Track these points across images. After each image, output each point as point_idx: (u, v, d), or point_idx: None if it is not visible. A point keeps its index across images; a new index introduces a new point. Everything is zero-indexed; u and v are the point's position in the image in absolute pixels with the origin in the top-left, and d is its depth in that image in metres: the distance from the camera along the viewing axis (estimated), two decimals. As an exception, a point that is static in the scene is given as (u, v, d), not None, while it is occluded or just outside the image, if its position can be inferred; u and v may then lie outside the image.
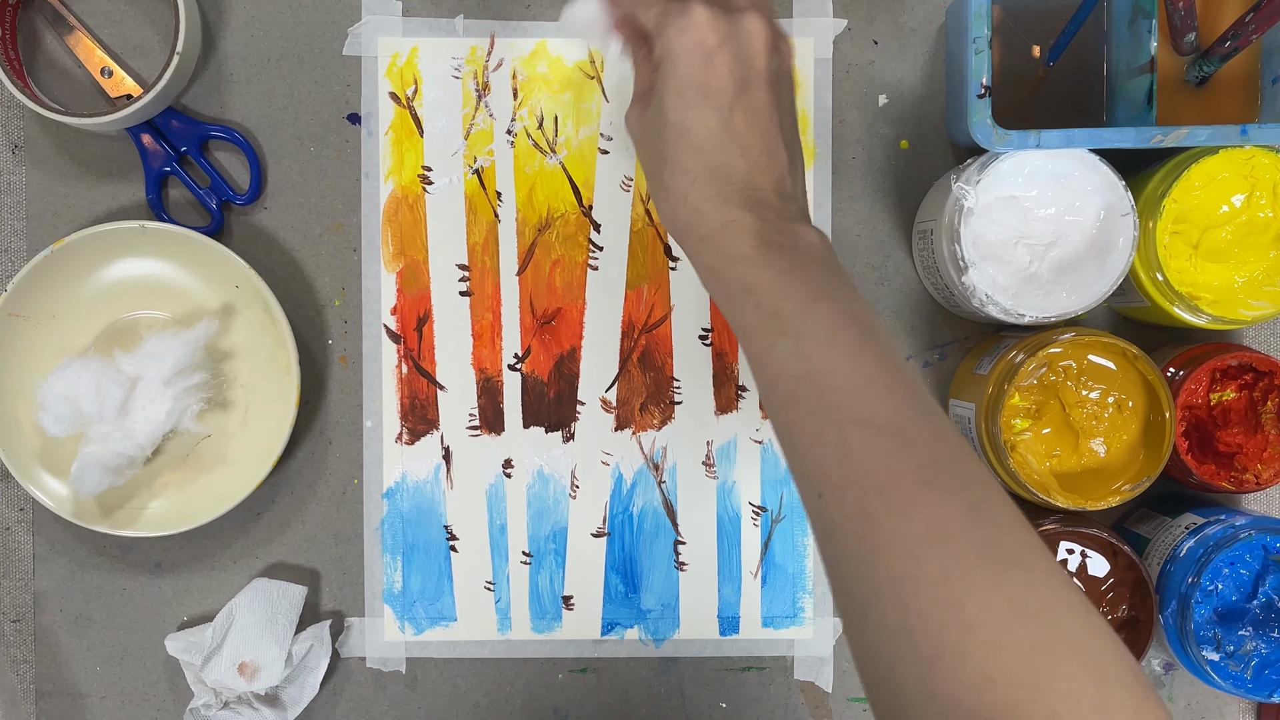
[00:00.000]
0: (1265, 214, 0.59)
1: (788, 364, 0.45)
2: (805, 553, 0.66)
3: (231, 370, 0.65)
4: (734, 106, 0.48)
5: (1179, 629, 0.59)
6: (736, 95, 0.48)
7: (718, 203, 0.48)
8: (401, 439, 0.66)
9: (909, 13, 0.65)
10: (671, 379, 0.66)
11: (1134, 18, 0.61)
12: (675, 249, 0.66)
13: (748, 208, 0.48)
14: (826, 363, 0.44)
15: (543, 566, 0.66)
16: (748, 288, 0.47)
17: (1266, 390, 0.61)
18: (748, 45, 0.48)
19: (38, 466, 0.63)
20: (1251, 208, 0.59)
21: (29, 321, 0.63)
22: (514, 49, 0.65)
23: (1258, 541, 0.59)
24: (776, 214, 0.48)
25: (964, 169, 0.60)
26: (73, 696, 0.66)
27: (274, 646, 0.63)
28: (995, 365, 0.60)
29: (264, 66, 0.65)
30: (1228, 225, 0.59)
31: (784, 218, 0.48)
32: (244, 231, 0.66)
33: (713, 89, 0.48)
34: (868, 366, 0.44)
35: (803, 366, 0.45)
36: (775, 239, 0.47)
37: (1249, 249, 0.59)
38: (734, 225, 0.47)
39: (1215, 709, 0.66)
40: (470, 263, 0.66)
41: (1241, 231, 0.59)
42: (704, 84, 0.48)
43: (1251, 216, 0.59)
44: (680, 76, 0.48)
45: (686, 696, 0.66)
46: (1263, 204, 0.59)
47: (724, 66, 0.48)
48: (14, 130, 0.65)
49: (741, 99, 0.48)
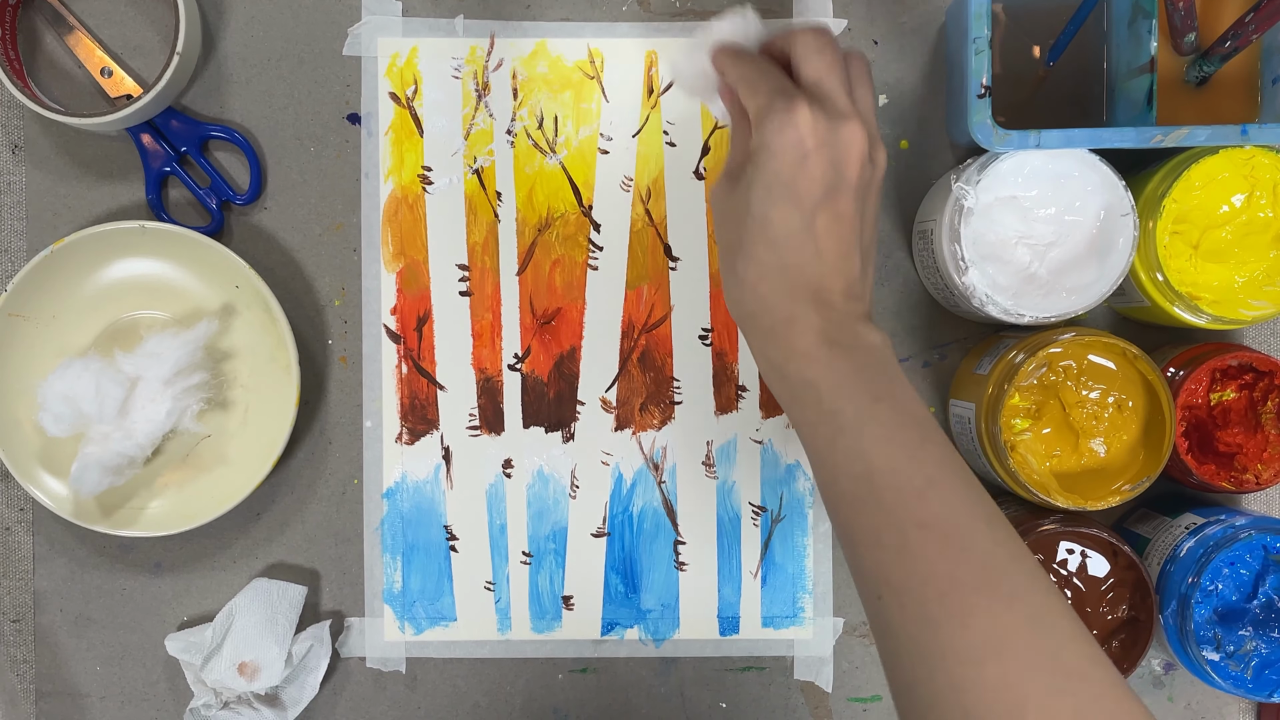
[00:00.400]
0: (1265, 214, 0.59)
1: (849, 463, 0.46)
2: (805, 553, 0.66)
3: (231, 370, 0.65)
4: (818, 210, 0.48)
5: (1179, 629, 0.59)
6: (823, 200, 0.48)
7: (785, 297, 0.49)
8: (401, 439, 0.66)
9: (909, 13, 0.65)
10: (671, 379, 0.66)
11: (1134, 18, 0.61)
12: (675, 249, 0.66)
13: (814, 306, 0.48)
14: (887, 463, 0.45)
15: (543, 566, 0.66)
16: (809, 383, 0.48)
17: (1266, 390, 0.61)
18: (844, 153, 0.48)
19: (38, 466, 0.63)
20: (1251, 208, 0.59)
21: (29, 321, 0.63)
22: (514, 49, 0.65)
23: (1258, 541, 0.59)
24: (842, 314, 0.49)
25: (964, 169, 0.60)
26: (73, 696, 0.66)
27: (274, 646, 0.63)
28: (995, 365, 0.60)
29: (264, 66, 0.65)
30: (1228, 225, 0.59)
31: (849, 318, 0.49)
32: (244, 231, 0.66)
33: (801, 191, 0.48)
34: (929, 468, 0.45)
35: (863, 466, 0.46)
36: (838, 338, 0.48)
37: (1249, 249, 0.59)
38: (799, 321, 0.48)
39: (1215, 709, 0.66)
40: (470, 263, 0.66)
41: (1241, 231, 0.59)
42: (793, 184, 0.48)
43: (1251, 216, 0.59)
44: (772, 172, 0.48)
45: (686, 696, 0.66)
46: (1263, 204, 0.59)
47: (817, 170, 0.48)
48: (14, 130, 0.65)
49: (827, 204, 0.48)
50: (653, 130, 0.66)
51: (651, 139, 0.66)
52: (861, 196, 0.49)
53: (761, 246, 0.49)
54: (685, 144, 0.66)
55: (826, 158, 0.48)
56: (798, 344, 0.48)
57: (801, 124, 0.48)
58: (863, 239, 0.50)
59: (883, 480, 0.45)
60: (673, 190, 0.66)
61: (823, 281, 0.49)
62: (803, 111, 0.48)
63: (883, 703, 0.66)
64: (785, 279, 0.49)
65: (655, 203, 0.66)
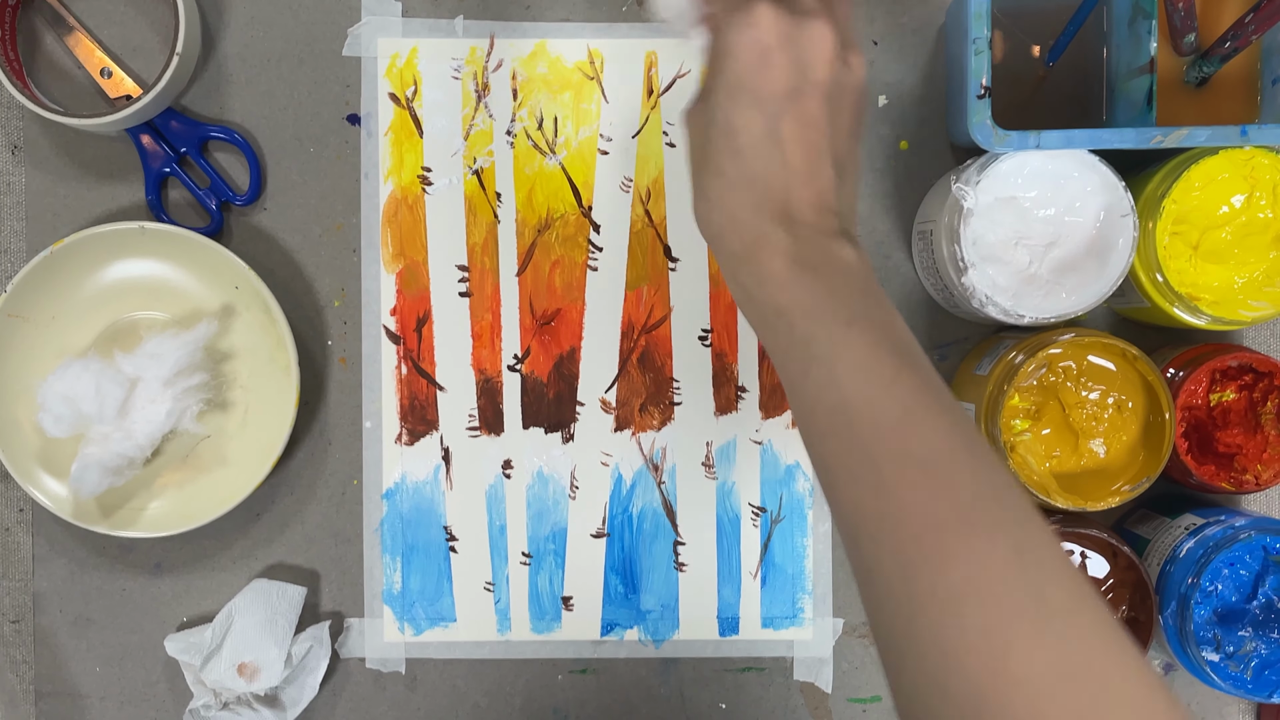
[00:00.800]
0: (1265, 215, 0.59)
1: (822, 395, 0.43)
2: (805, 553, 0.66)
3: (231, 371, 0.65)
4: (783, 113, 0.45)
5: (1179, 630, 0.59)
6: (787, 101, 0.45)
7: (752, 213, 0.46)
8: (401, 440, 0.66)
9: (909, 13, 0.65)
10: (671, 380, 0.66)
11: (1134, 18, 0.61)
12: (675, 250, 0.66)
13: (782, 223, 0.46)
14: (861, 393, 0.42)
15: (542, 567, 0.66)
16: (780, 310, 0.45)
17: (1266, 391, 0.61)
18: (809, 51, 0.45)
19: (37, 467, 0.63)
20: (1251, 208, 0.59)
21: (28, 322, 0.63)
22: (514, 50, 0.65)
23: (1257, 542, 0.59)
24: (813, 229, 0.46)
25: (964, 169, 0.60)
26: (72, 697, 0.66)
27: (273, 647, 0.63)
28: (995, 366, 0.60)
29: (264, 67, 0.65)
30: (1227, 226, 0.59)
31: (821, 234, 0.46)
32: (244, 232, 0.66)
33: (764, 92, 0.45)
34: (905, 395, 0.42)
35: (836, 398, 0.43)
36: (809, 258, 0.45)
37: (1249, 250, 0.59)
38: (768, 241, 0.45)
39: (1215, 709, 0.66)
40: (470, 263, 0.66)
41: (1241, 232, 0.59)
42: (755, 85, 0.45)
43: (1251, 217, 0.59)
44: (733, 75, 0.45)
45: (686, 697, 0.66)
46: (1262, 205, 0.59)
47: (779, 70, 0.45)
48: (14, 131, 0.65)
49: (792, 106, 0.45)
50: (652, 131, 0.66)
51: (651, 139, 0.66)
52: (833, 100, 0.46)
53: (726, 157, 0.46)
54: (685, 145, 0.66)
55: (789, 56, 0.45)
56: (767, 267, 0.45)
57: (761, 20, 0.45)
58: (836, 147, 0.47)
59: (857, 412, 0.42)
60: (672, 191, 0.66)
61: (790, 193, 0.46)
62: (762, 8, 0.45)
63: (883, 703, 0.66)
64: (752, 192, 0.46)
65: (655, 203, 0.66)
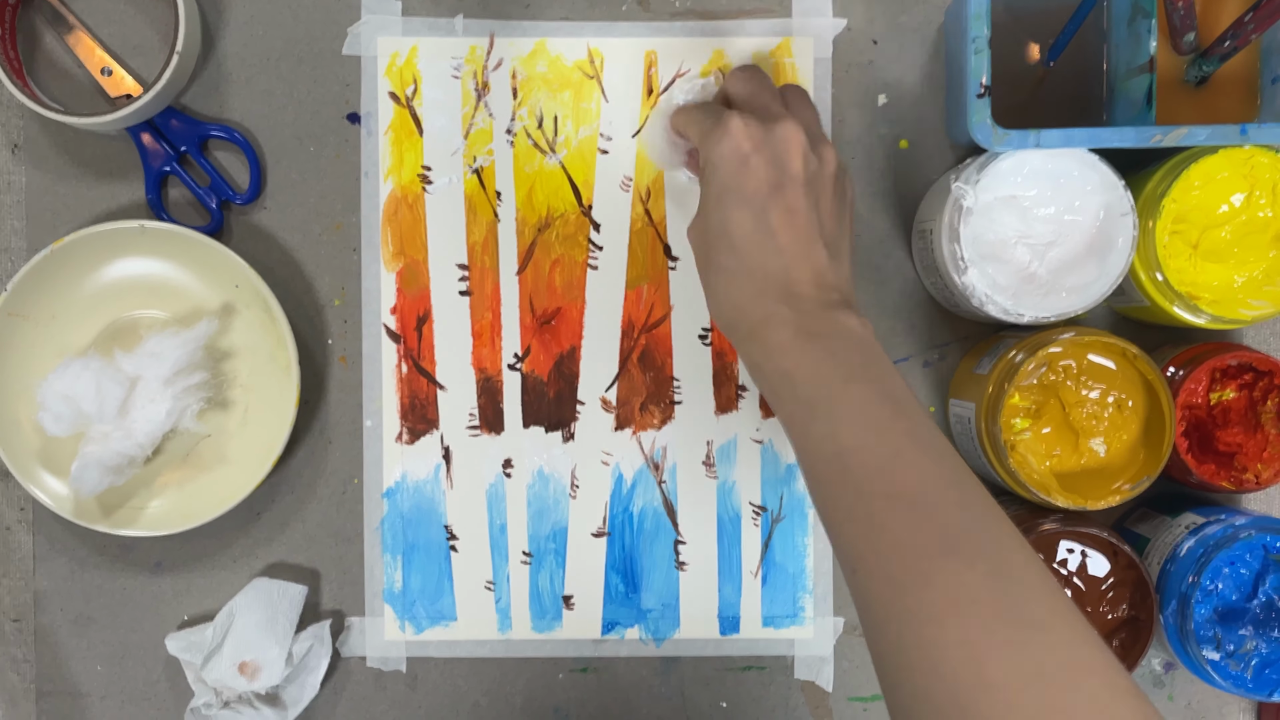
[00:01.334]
0: (1265, 214, 0.59)
1: (822, 446, 0.48)
2: (805, 552, 0.66)
3: (231, 370, 0.65)
4: (768, 207, 0.51)
5: (1179, 628, 0.59)
6: (771, 196, 0.51)
7: (756, 298, 0.51)
8: (401, 439, 0.66)
9: (909, 13, 0.65)
10: (671, 379, 0.66)
11: (1133, 17, 0.61)
12: (675, 248, 0.66)
13: (785, 301, 0.50)
14: (857, 441, 0.47)
15: (543, 566, 0.66)
16: (785, 375, 0.49)
17: (1266, 390, 0.61)
18: (782, 150, 0.52)
19: (38, 466, 0.63)
20: (1251, 207, 0.59)
21: (29, 321, 0.63)
22: (513, 49, 0.65)
23: (1258, 541, 0.59)
24: (814, 302, 0.50)
25: (964, 169, 0.60)
26: (73, 696, 0.66)
27: (274, 646, 0.63)
28: (995, 365, 0.60)
29: (264, 66, 0.65)
30: (1227, 225, 0.59)
31: (821, 305, 0.50)
32: (244, 231, 0.66)
33: (749, 191, 0.51)
34: (896, 440, 0.46)
35: (834, 447, 0.47)
36: (813, 328, 0.50)
37: (1248, 249, 0.59)
38: (773, 319, 0.50)
39: (1215, 709, 0.66)
40: (470, 262, 0.66)
41: (1241, 231, 0.59)
42: (740, 187, 0.51)
43: (1251, 216, 0.59)
44: (719, 183, 0.52)
45: (687, 696, 0.66)
46: (1262, 203, 0.59)
47: (759, 170, 0.51)
48: (14, 130, 0.65)
49: (776, 199, 0.51)
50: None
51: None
52: (813, 187, 0.52)
53: (725, 254, 0.52)
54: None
55: (766, 157, 0.51)
56: (774, 339, 0.50)
57: (735, 131, 0.52)
58: (824, 229, 0.52)
59: (852, 458, 0.46)
60: (672, 190, 0.66)
61: (788, 275, 0.51)
62: (734, 120, 0.52)
63: (883, 702, 0.66)
64: (753, 280, 0.51)
65: (655, 202, 0.66)
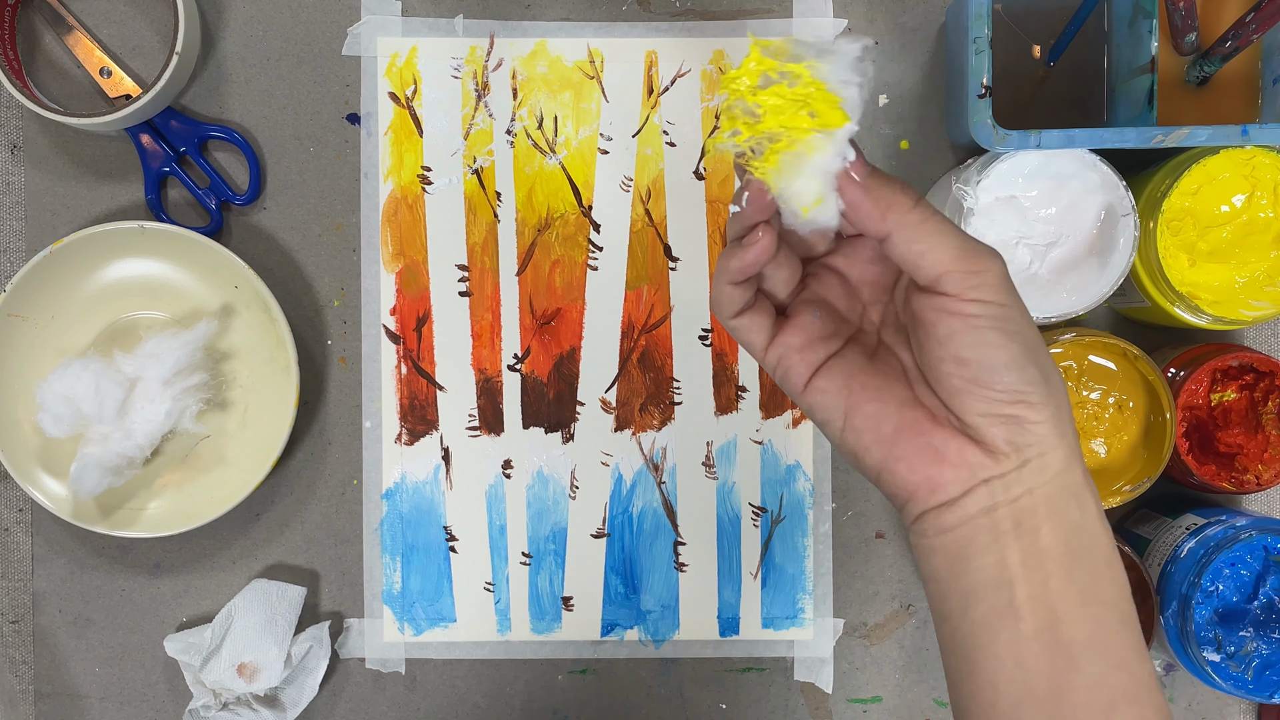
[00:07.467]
0: (1266, 214, 0.59)
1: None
2: (805, 554, 0.66)
3: (231, 370, 0.65)
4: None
5: (1180, 630, 0.59)
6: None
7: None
8: (401, 439, 0.66)
9: (909, 13, 0.65)
10: (671, 379, 0.66)
11: (1134, 18, 0.61)
12: (675, 249, 0.66)
13: None
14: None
15: (542, 567, 0.66)
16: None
17: (1267, 391, 0.61)
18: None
19: (37, 467, 0.63)
20: (1252, 208, 0.59)
21: (28, 322, 0.63)
22: (513, 49, 0.65)
23: (1258, 542, 0.59)
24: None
25: (964, 169, 0.59)
26: (72, 697, 0.66)
27: (273, 647, 0.63)
28: (995, 365, 0.60)
29: (263, 66, 0.65)
30: (1228, 225, 0.59)
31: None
32: (243, 232, 0.66)
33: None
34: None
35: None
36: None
37: (1249, 249, 0.59)
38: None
39: (1216, 710, 0.66)
40: (470, 263, 0.66)
41: (1242, 231, 0.59)
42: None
43: (1252, 216, 0.59)
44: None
45: (686, 697, 0.66)
46: (1263, 204, 0.59)
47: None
48: (13, 130, 0.65)
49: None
50: (652, 130, 0.66)
51: (651, 139, 0.66)
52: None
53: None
54: (685, 144, 0.66)
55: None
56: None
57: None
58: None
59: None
60: (673, 190, 0.66)
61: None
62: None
63: (883, 703, 0.66)
64: None
65: (655, 203, 0.66)
